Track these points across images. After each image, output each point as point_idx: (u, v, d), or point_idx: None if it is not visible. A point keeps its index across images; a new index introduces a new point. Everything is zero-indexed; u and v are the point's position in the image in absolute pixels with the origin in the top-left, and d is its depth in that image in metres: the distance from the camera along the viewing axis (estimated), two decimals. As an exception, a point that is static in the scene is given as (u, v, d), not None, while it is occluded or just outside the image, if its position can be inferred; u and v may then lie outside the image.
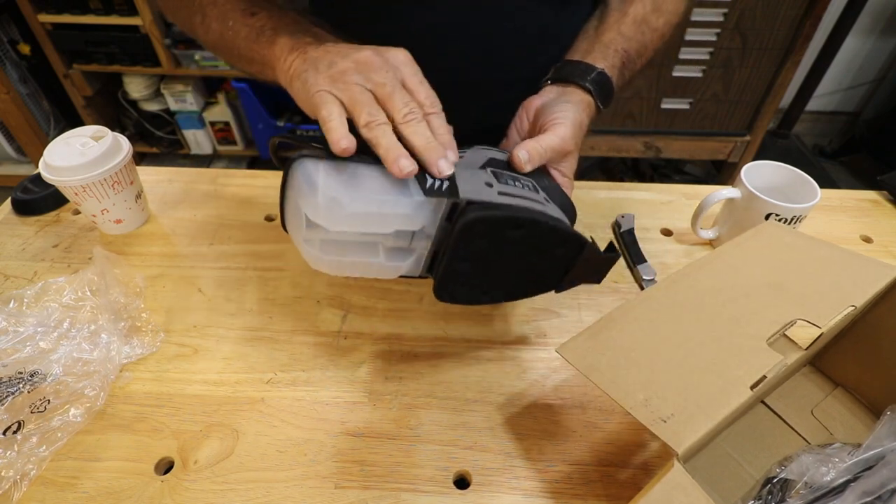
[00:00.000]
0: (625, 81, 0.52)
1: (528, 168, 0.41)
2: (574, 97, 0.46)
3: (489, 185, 0.38)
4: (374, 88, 0.37)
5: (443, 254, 0.38)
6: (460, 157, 0.40)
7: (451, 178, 0.37)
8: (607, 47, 0.50)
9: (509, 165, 0.42)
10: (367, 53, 0.38)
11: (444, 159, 0.36)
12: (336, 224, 0.36)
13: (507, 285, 0.43)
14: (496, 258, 0.39)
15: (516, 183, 0.40)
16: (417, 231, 0.38)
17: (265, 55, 0.43)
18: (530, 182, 0.42)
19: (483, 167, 0.40)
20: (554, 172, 0.45)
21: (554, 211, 0.41)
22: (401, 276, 0.41)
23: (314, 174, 0.36)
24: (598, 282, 0.46)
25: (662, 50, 0.57)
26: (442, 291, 0.40)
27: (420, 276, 0.41)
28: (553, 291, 0.45)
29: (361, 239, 0.38)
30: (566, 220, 0.42)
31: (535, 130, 0.45)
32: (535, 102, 0.47)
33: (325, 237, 0.38)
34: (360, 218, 0.36)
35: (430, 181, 0.36)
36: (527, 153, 0.41)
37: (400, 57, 0.39)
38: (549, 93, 0.48)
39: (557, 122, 0.43)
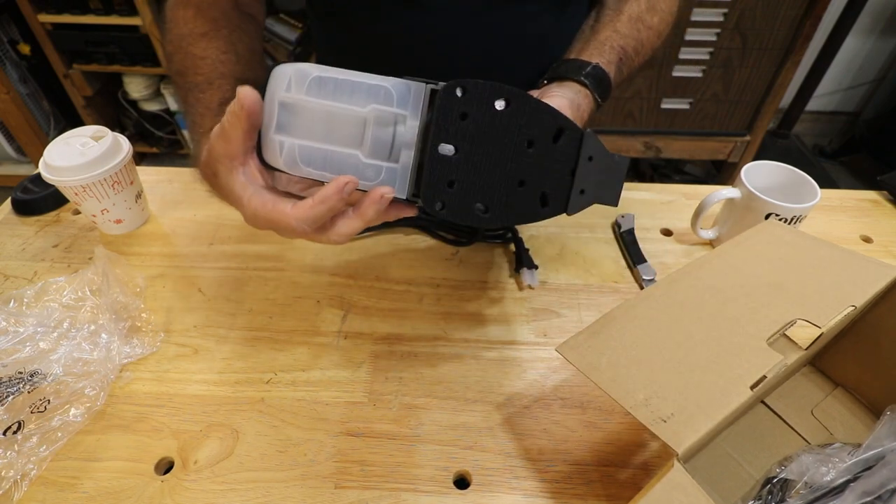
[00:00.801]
0: (623, 78, 0.52)
1: None
2: (572, 89, 0.46)
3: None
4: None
5: (425, 141, 0.35)
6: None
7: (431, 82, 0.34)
8: (603, 44, 0.50)
9: None
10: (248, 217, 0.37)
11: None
12: (308, 89, 0.34)
13: (506, 193, 0.37)
14: (486, 145, 0.35)
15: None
16: (399, 129, 0.35)
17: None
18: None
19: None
20: None
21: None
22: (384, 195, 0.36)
23: (288, 65, 0.34)
24: (615, 202, 0.41)
25: (661, 49, 0.58)
26: (430, 192, 0.35)
27: (407, 200, 0.37)
28: (564, 214, 0.39)
29: (338, 132, 0.35)
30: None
31: None
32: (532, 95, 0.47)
33: (299, 123, 0.35)
34: (332, 85, 0.34)
35: (410, 80, 0.34)
36: None
37: (244, 212, 0.36)
38: (545, 89, 0.48)
39: (555, 95, 0.43)
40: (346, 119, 0.35)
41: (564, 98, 0.43)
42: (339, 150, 0.35)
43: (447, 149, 0.34)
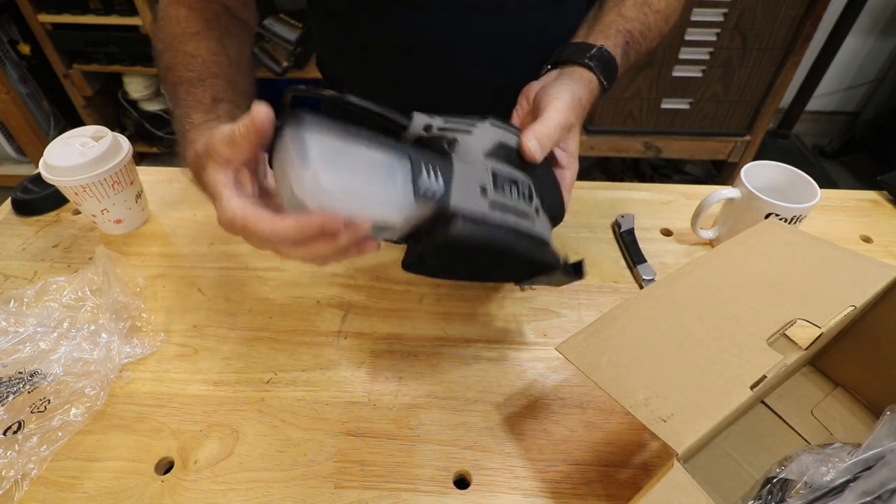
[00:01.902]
0: (630, 64, 0.51)
1: (539, 159, 0.40)
2: (574, 75, 0.45)
3: (483, 189, 0.37)
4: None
5: (416, 243, 0.37)
6: (469, 133, 0.38)
7: (447, 181, 0.35)
8: (608, 27, 0.50)
9: (518, 154, 0.40)
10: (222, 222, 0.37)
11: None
12: (317, 203, 0.33)
13: (472, 275, 0.45)
14: (468, 261, 0.40)
15: (513, 189, 0.39)
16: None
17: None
18: (528, 186, 0.40)
19: (489, 154, 0.39)
20: (557, 152, 0.44)
21: (542, 225, 0.40)
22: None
23: (308, 147, 0.32)
24: (559, 286, 0.49)
25: (668, 34, 0.57)
26: (408, 264, 0.40)
27: (395, 242, 0.41)
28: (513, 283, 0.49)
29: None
30: (549, 234, 0.42)
31: (533, 108, 0.45)
32: (533, 87, 0.46)
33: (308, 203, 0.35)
34: (342, 202, 0.33)
35: (424, 181, 0.34)
36: (538, 142, 0.39)
37: (222, 217, 0.36)
38: (548, 77, 0.47)
39: (554, 97, 0.42)
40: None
41: (566, 97, 0.42)
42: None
43: (433, 261, 0.39)
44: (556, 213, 0.44)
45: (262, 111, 0.33)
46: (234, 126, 0.34)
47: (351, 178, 0.33)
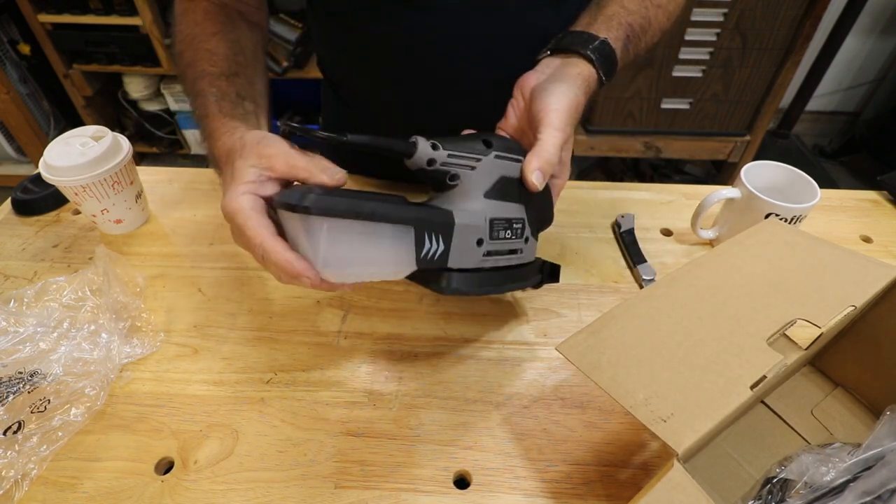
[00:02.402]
0: (629, 59, 0.51)
1: (541, 188, 0.41)
2: (573, 70, 0.45)
3: (479, 242, 0.40)
4: None
5: (415, 280, 0.40)
6: (473, 168, 0.39)
7: (447, 241, 0.38)
8: (610, 19, 0.49)
9: (520, 182, 0.42)
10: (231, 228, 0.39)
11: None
12: (323, 271, 0.36)
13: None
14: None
15: (507, 232, 0.42)
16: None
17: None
18: (522, 220, 0.43)
19: (489, 193, 0.40)
20: None
21: (530, 250, 0.45)
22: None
23: (317, 236, 0.34)
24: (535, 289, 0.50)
25: (669, 31, 0.56)
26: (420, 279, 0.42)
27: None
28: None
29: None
30: (534, 253, 0.46)
31: (530, 114, 0.44)
32: (530, 81, 0.46)
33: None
34: (348, 271, 0.36)
35: (425, 248, 0.37)
36: (540, 173, 0.41)
37: (231, 219, 0.38)
38: (546, 67, 0.46)
39: (552, 110, 0.42)
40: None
41: (562, 111, 0.42)
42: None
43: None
44: (545, 222, 0.48)
45: (341, 179, 0.37)
46: (311, 161, 0.37)
47: (357, 253, 0.35)
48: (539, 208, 0.46)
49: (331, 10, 0.60)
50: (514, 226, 0.42)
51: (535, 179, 0.40)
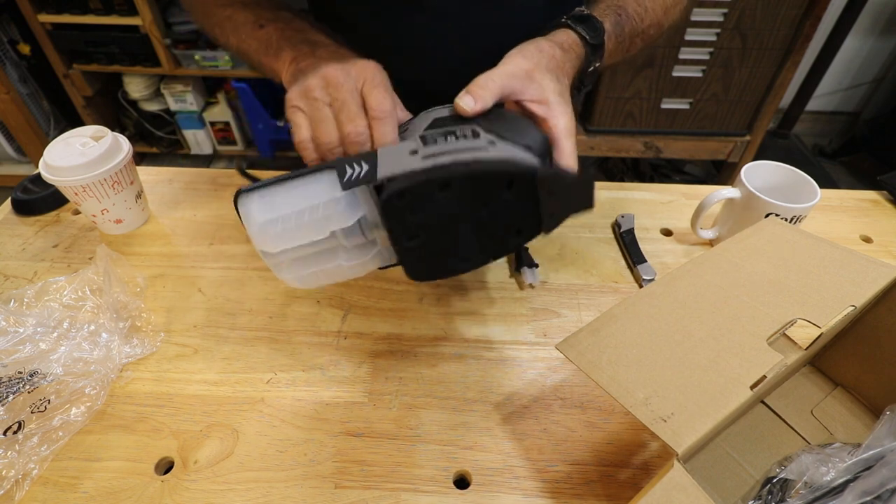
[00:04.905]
0: (624, 35, 0.50)
1: (476, 108, 0.38)
2: (532, 41, 0.43)
3: (413, 152, 0.36)
4: (331, 104, 0.39)
5: (390, 239, 0.37)
6: (403, 130, 0.40)
7: (371, 163, 0.36)
8: (597, 4, 0.49)
9: (457, 118, 0.39)
10: (331, 69, 0.40)
11: None
12: (275, 245, 0.37)
13: (481, 245, 0.39)
14: (446, 223, 0.37)
15: (450, 137, 0.37)
16: (364, 222, 0.38)
17: (273, 66, 0.48)
18: (471, 129, 0.38)
19: (426, 130, 0.38)
20: (529, 105, 0.40)
21: (500, 151, 0.36)
22: (381, 268, 0.41)
23: (247, 206, 0.37)
24: (591, 205, 0.39)
25: (668, 28, 0.56)
26: (411, 273, 0.39)
27: (398, 264, 0.40)
28: (542, 234, 0.39)
29: (319, 248, 0.39)
30: (514, 156, 0.36)
31: None
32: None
33: (285, 258, 0.39)
34: (295, 231, 0.36)
35: (347, 173, 0.36)
36: (470, 96, 0.38)
37: (363, 69, 0.40)
38: None
39: (509, 54, 0.41)
40: (317, 246, 0.38)
41: (520, 49, 0.41)
42: (329, 265, 0.40)
43: (413, 242, 0.37)
44: (530, 140, 0.38)
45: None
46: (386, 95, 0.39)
47: (289, 209, 0.36)
48: (507, 128, 0.38)
49: (332, 9, 0.60)
50: (460, 133, 0.37)
51: (464, 102, 0.38)
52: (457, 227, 0.37)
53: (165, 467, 0.41)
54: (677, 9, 0.56)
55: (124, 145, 0.58)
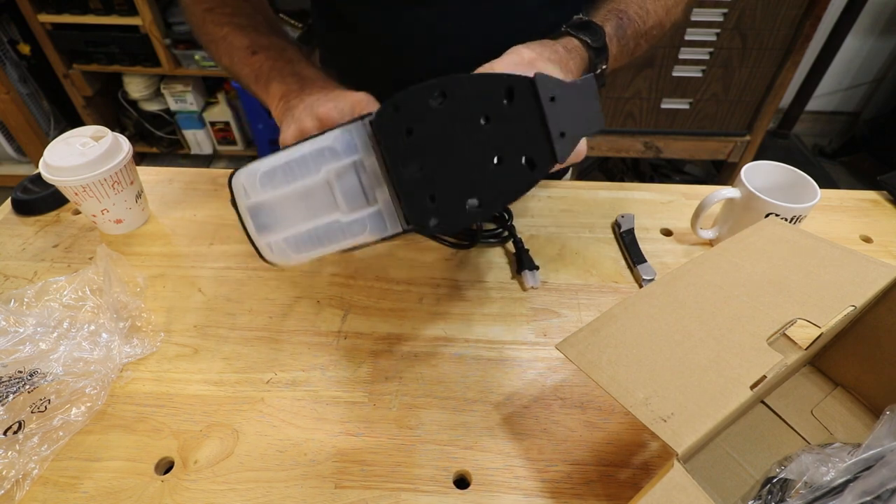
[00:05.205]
0: (626, 37, 0.50)
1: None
2: (525, 45, 0.43)
3: None
4: None
5: (387, 171, 0.35)
6: None
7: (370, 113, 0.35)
8: (598, 10, 0.49)
9: None
10: (323, 108, 0.40)
11: None
12: (262, 186, 0.35)
13: (490, 178, 0.35)
14: (445, 145, 0.34)
15: None
16: (361, 174, 0.35)
17: (262, 97, 0.49)
18: None
19: None
20: None
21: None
22: (387, 238, 0.37)
23: (239, 171, 0.36)
24: (601, 123, 0.37)
25: (670, 27, 0.56)
26: (417, 216, 0.35)
27: (405, 231, 0.37)
28: (556, 166, 0.36)
29: (314, 207, 0.36)
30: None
31: None
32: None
33: (273, 218, 0.36)
34: (283, 171, 0.35)
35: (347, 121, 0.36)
36: None
37: (355, 104, 0.40)
38: None
39: (513, 47, 0.41)
40: (309, 193, 0.36)
41: (520, 47, 0.41)
42: (320, 223, 0.36)
43: (412, 169, 0.34)
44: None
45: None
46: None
47: (278, 155, 0.36)
48: None
49: (333, 8, 0.60)
50: None
51: None
52: (460, 155, 0.34)
53: (165, 467, 0.41)
54: (679, 8, 0.56)
55: (124, 145, 0.58)
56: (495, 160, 0.35)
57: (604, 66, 0.47)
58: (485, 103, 0.34)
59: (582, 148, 0.40)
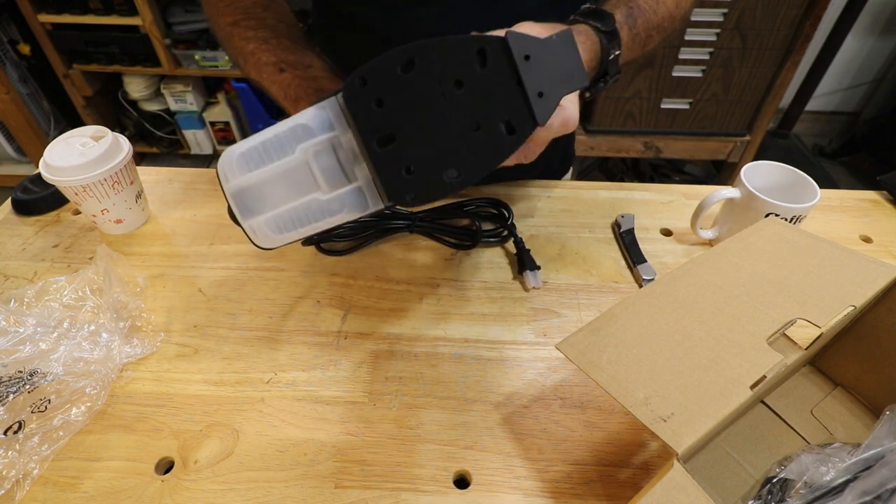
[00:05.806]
0: (637, 29, 0.50)
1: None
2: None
3: None
4: None
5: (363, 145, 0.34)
6: None
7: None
8: (606, 1, 0.49)
9: None
10: None
11: None
12: (240, 168, 0.35)
13: (467, 146, 0.34)
14: (418, 114, 0.33)
15: None
16: (339, 151, 0.35)
17: (292, 113, 0.49)
18: None
19: None
20: None
21: None
22: (369, 216, 0.37)
23: (221, 156, 0.37)
24: (584, 80, 0.35)
25: (686, 12, 0.56)
26: (395, 189, 0.34)
27: (388, 208, 0.37)
28: (537, 129, 0.34)
29: (294, 184, 0.36)
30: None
31: None
32: None
33: (253, 200, 0.36)
34: (258, 152, 0.35)
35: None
36: None
37: None
38: None
39: (521, 23, 0.41)
40: (290, 174, 0.36)
41: (527, 21, 0.40)
42: (299, 203, 0.36)
43: (385, 141, 0.34)
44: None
45: None
46: None
47: (257, 135, 0.36)
48: None
49: (334, 7, 0.60)
50: None
51: None
52: (435, 124, 0.33)
53: (165, 467, 0.41)
54: (687, 1, 0.56)
55: (124, 145, 0.58)
56: (472, 128, 0.33)
57: (617, 52, 0.47)
58: (456, 68, 0.32)
59: (571, 115, 0.38)
